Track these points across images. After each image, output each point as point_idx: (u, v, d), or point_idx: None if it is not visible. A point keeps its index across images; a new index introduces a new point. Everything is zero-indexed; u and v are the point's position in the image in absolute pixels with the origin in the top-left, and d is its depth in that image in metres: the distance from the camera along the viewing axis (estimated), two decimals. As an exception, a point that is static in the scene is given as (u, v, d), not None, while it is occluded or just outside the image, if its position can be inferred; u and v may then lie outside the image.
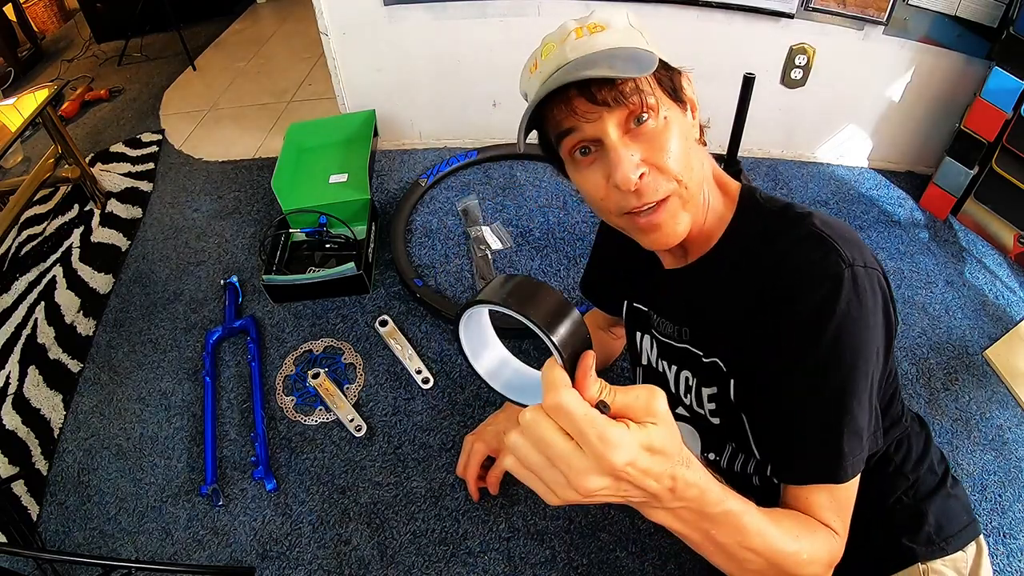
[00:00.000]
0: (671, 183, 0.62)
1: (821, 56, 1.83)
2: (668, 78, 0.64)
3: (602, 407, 0.43)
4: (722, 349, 0.73)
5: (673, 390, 0.84)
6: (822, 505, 0.62)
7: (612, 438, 0.41)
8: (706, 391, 0.77)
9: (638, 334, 0.90)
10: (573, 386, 0.43)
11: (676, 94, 0.65)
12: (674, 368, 0.82)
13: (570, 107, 0.61)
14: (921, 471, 0.80)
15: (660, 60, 0.62)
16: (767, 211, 0.68)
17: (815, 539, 0.58)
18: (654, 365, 0.88)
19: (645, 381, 0.91)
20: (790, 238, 0.64)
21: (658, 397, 0.44)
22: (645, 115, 0.61)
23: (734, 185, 0.73)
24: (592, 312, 1.24)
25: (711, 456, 0.83)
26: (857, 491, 0.66)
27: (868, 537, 0.77)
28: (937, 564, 0.75)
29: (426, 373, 1.49)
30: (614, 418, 0.43)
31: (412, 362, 1.52)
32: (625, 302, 0.92)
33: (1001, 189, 1.66)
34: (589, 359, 0.44)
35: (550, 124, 0.65)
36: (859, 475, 0.63)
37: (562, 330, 0.43)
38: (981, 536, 0.79)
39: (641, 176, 0.61)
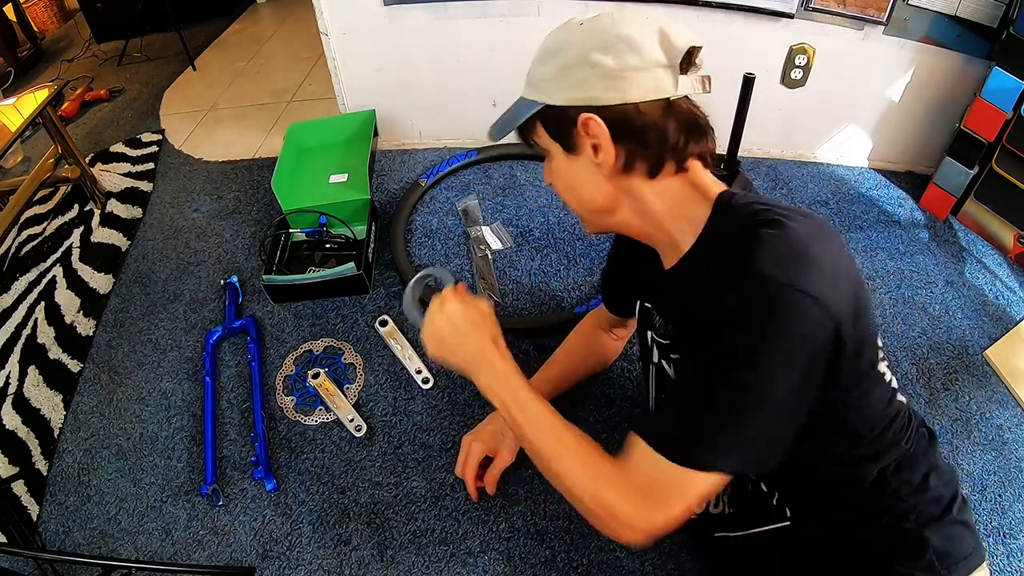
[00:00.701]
0: (570, 206, 0.81)
1: (821, 56, 1.83)
2: (556, 124, 0.73)
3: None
4: (690, 347, 0.76)
5: None
6: (639, 462, 0.63)
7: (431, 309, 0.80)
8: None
9: (648, 333, 0.91)
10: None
11: (564, 140, 0.73)
12: (672, 366, 0.83)
13: None
14: (924, 496, 0.75)
15: (546, 107, 0.73)
16: (740, 214, 0.68)
17: (602, 469, 0.66)
18: (659, 363, 0.88)
19: (658, 381, 0.92)
20: (752, 239, 0.62)
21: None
22: (544, 153, 0.79)
23: (715, 190, 0.73)
24: (596, 311, 1.24)
25: None
26: (853, 512, 0.67)
27: (867, 563, 0.75)
28: None
29: (426, 373, 1.49)
30: None
31: (412, 362, 1.52)
32: (638, 301, 0.94)
33: (1001, 189, 1.66)
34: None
35: None
36: (695, 483, 0.61)
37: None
38: (985, 564, 0.75)
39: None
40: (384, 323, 1.62)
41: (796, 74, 1.88)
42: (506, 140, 0.86)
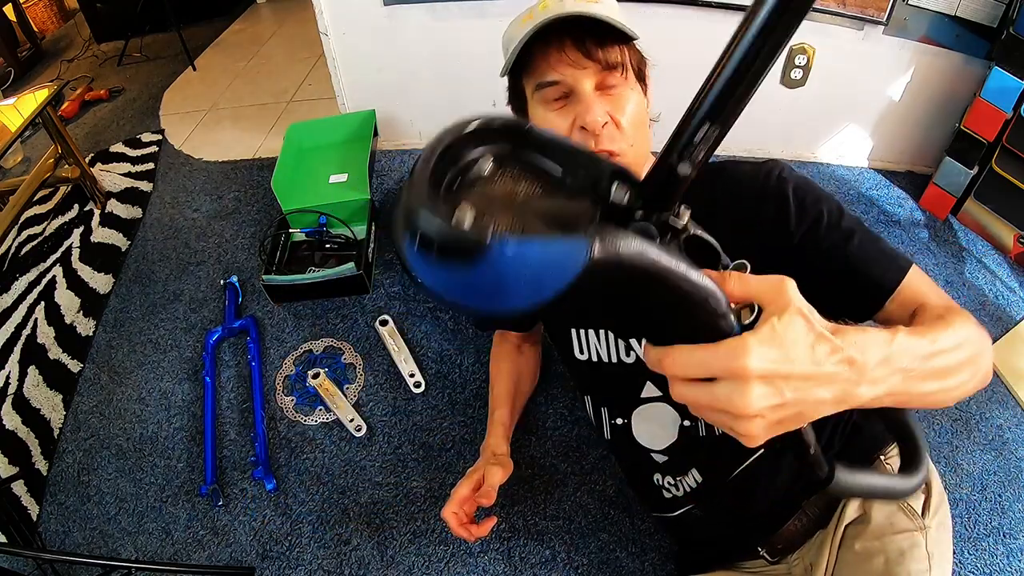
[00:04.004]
0: (623, 143, 0.71)
1: (821, 56, 1.83)
2: (639, 60, 0.75)
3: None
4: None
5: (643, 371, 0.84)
6: (924, 293, 0.66)
7: (734, 347, 0.36)
8: None
9: (576, 332, 0.90)
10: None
11: (641, 76, 0.76)
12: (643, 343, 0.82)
13: (562, 53, 0.69)
14: None
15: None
16: None
17: (954, 314, 0.57)
18: (612, 358, 0.87)
19: (596, 377, 0.92)
20: (723, 172, 0.77)
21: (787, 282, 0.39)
22: (618, 82, 0.71)
23: None
24: (501, 339, 1.23)
25: (686, 423, 0.84)
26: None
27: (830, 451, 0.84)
28: (893, 458, 0.83)
29: (419, 377, 1.48)
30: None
31: (407, 364, 1.51)
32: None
33: (1001, 189, 1.66)
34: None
35: (533, 73, 0.72)
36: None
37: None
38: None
39: (604, 124, 0.69)
40: (384, 322, 1.62)
41: (796, 74, 1.88)
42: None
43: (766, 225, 0.72)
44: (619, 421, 0.92)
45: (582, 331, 0.90)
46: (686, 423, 0.84)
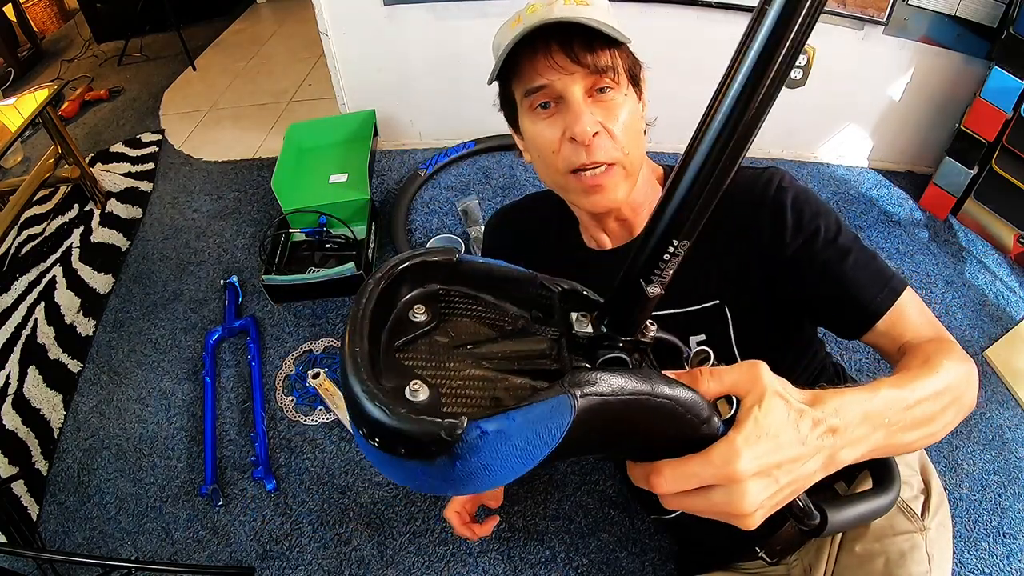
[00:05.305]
0: (617, 152, 0.69)
1: (821, 56, 1.83)
2: (632, 63, 0.72)
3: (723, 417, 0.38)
4: (714, 288, 0.76)
5: None
6: (912, 321, 0.67)
7: (723, 457, 0.36)
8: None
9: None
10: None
11: (635, 80, 0.73)
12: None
13: (549, 58, 0.67)
14: (829, 359, 0.92)
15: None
16: None
17: (941, 352, 0.57)
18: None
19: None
20: None
21: (760, 367, 0.39)
22: (609, 86, 0.68)
23: (660, 169, 0.84)
24: None
25: None
26: (817, 367, 0.83)
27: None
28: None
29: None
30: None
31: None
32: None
33: (1001, 189, 1.66)
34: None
35: (521, 79, 0.70)
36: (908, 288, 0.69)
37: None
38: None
39: (595, 135, 0.67)
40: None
41: (796, 74, 1.88)
42: (505, 131, 0.85)
43: (763, 234, 0.71)
44: None
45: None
46: None
